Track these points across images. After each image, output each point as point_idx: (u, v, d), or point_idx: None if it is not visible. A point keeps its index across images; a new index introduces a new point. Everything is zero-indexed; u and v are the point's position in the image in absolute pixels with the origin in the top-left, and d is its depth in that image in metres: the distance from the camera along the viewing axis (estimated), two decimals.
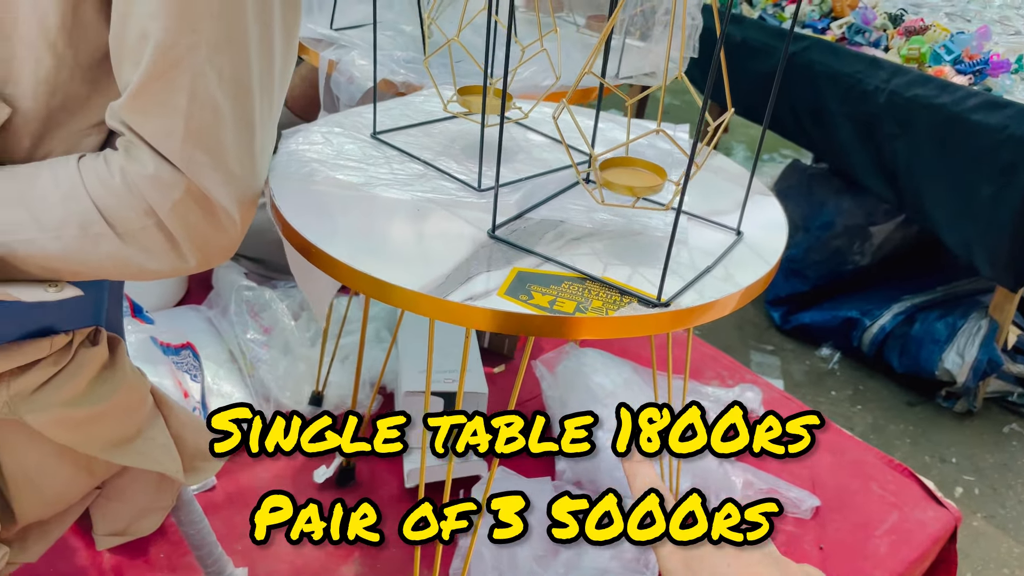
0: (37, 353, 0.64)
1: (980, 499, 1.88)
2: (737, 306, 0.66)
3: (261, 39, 0.60)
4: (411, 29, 1.13)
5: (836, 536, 1.14)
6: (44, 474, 0.71)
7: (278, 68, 0.64)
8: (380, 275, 0.62)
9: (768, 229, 0.77)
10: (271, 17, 0.61)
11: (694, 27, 1.09)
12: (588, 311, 0.61)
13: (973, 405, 2.11)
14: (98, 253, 0.60)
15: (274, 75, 0.64)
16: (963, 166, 1.81)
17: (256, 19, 0.60)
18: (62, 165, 0.60)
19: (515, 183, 0.78)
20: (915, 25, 1.98)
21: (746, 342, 2.31)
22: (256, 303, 1.33)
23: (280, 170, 0.76)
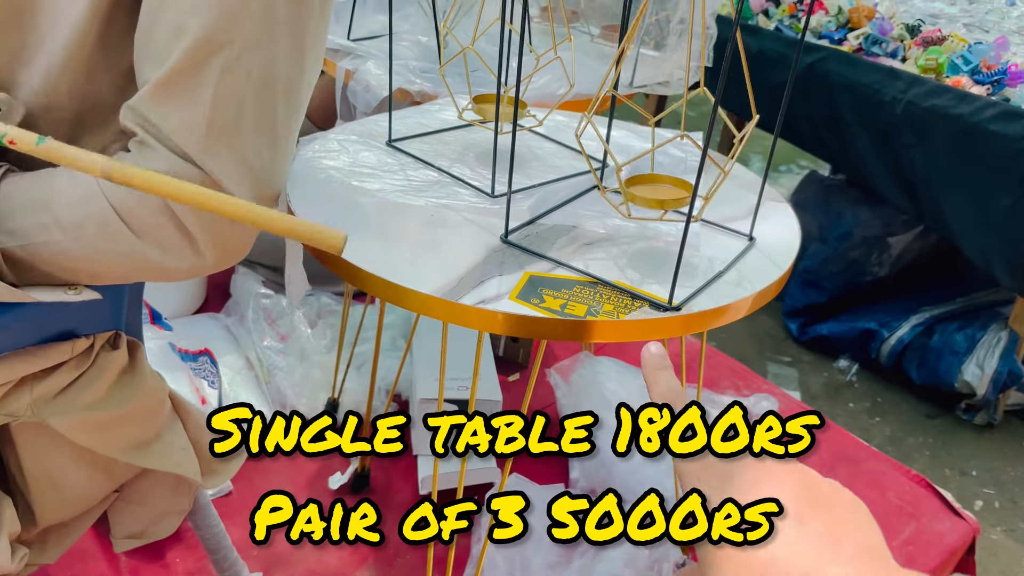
0: (59, 356, 0.66)
1: (1000, 512, 1.86)
2: (750, 310, 0.66)
3: (292, 44, 0.62)
4: (427, 39, 1.14)
5: None
6: (65, 476, 0.72)
7: (307, 74, 0.65)
8: (394, 279, 0.63)
9: (781, 235, 0.77)
10: (303, 26, 0.62)
11: (708, 37, 1.09)
12: (600, 315, 0.61)
13: (993, 417, 2.09)
14: (117, 251, 0.61)
15: (301, 80, 0.65)
16: (981, 176, 1.79)
17: (287, 24, 0.61)
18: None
19: (528, 189, 0.79)
20: (932, 35, 1.98)
21: (763, 353, 2.30)
22: (273, 310, 1.34)
23: (298, 176, 0.77)
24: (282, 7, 0.60)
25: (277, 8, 0.59)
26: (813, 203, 2.42)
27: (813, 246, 2.31)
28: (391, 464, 1.20)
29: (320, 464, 1.18)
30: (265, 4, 0.58)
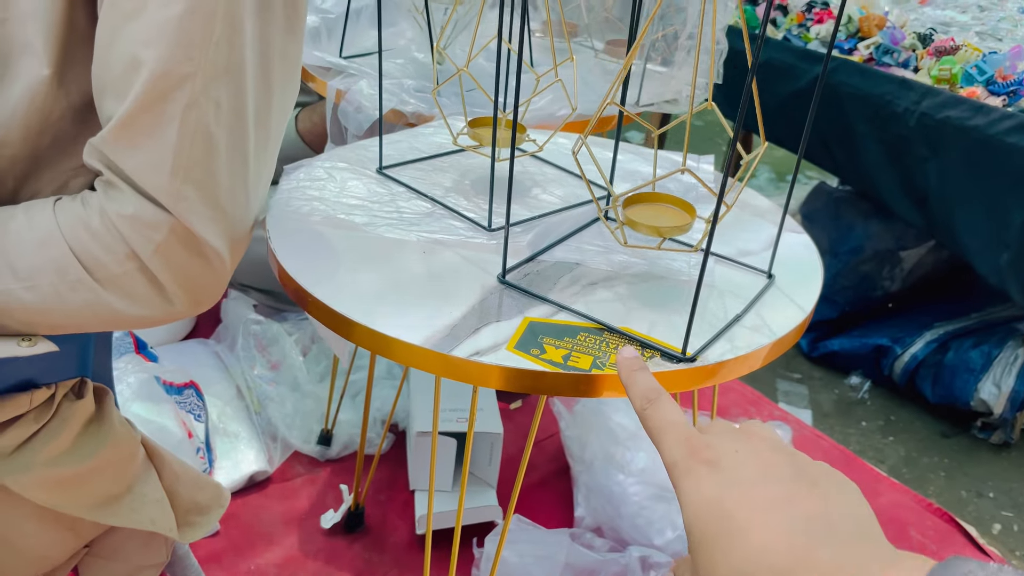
0: (16, 409, 0.60)
1: (1020, 536, 1.80)
2: (768, 359, 0.61)
3: (259, 67, 0.57)
4: (423, 57, 1.09)
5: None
6: (24, 536, 0.67)
7: (276, 98, 0.60)
8: (380, 327, 0.57)
9: (801, 270, 0.71)
10: (270, 46, 0.57)
11: (719, 52, 1.04)
12: (606, 367, 0.56)
13: (1010, 437, 2.03)
14: (76, 301, 0.56)
15: (271, 105, 0.60)
16: (996, 190, 1.74)
17: (255, 47, 0.56)
18: (37, 208, 0.56)
19: (528, 221, 0.73)
20: (945, 45, 1.92)
21: (773, 370, 2.24)
22: (264, 337, 1.29)
23: (279, 208, 0.72)
24: (249, 27, 0.54)
25: (245, 30, 0.54)
26: (822, 216, 2.37)
27: (823, 260, 2.26)
28: (387, 500, 1.14)
29: (312, 501, 1.13)
30: (231, 26, 0.53)
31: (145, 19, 0.51)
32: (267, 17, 0.56)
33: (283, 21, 0.58)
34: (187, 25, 0.51)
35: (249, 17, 0.55)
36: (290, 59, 0.61)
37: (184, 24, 0.51)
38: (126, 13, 0.51)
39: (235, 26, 0.53)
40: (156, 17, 0.51)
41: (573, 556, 0.98)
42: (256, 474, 1.14)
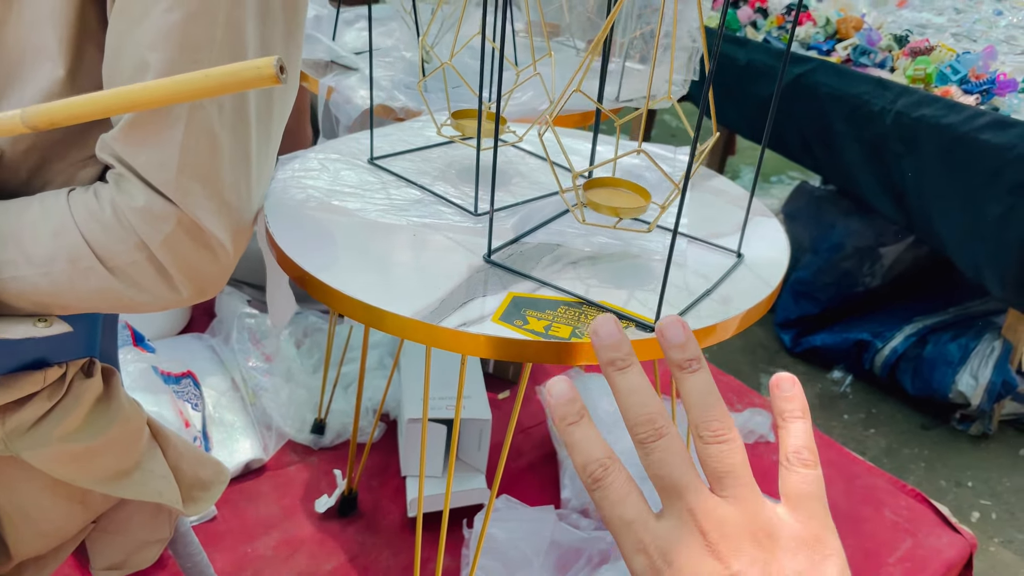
0: (31, 387, 0.64)
1: (997, 524, 1.84)
2: (737, 330, 0.65)
3: None
4: (411, 55, 1.13)
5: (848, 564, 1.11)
6: (40, 509, 0.70)
7: (277, 97, 0.64)
8: (374, 302, 0.61)
9: (770, 251, 0.75)
10: (270, 49, 0.61)
11: (694, 49, 1.08)
12: (584, 336, 0.60)
13: (988, 428, 2.07)
14: (87, 287, 0.59)
15: (272, 105, 0.63)
16: (971, 186, 1.79)
17: (257, 48, 0.59)
18: (52, 199, 0.59)
19: (512, 207, 0.77)
20: (920, 46, 1.97)
21: (756, 365, 2.29)
22: (258, 330, 1.32)
23: (276, 197, 0.76)
24: (250, 32, 0.58)
25: (246, 34, 0.58)
26: (804, 214, 2.42)
27: (805, 257, 2.30)
28: (379, 487, 1.18)
29: (307, 487, 1.16)
30: (233, 31, 0.56)
31: (149, 24, 0.54)
32: (267, 21, 0.60)
33: (283, 25, 0.62)
34: (190, 29, 0.55)
35: (250, 21, 0.58)
36: (290, 61, 0.64)
37: (187, 29, 0.54)
38: (132, 18, 0.55)
39: (236, 31, 0.57)
40: (159, 22, 0.54)
41: (559, 533, 1.02)
42: (252, 462, 1.17)
